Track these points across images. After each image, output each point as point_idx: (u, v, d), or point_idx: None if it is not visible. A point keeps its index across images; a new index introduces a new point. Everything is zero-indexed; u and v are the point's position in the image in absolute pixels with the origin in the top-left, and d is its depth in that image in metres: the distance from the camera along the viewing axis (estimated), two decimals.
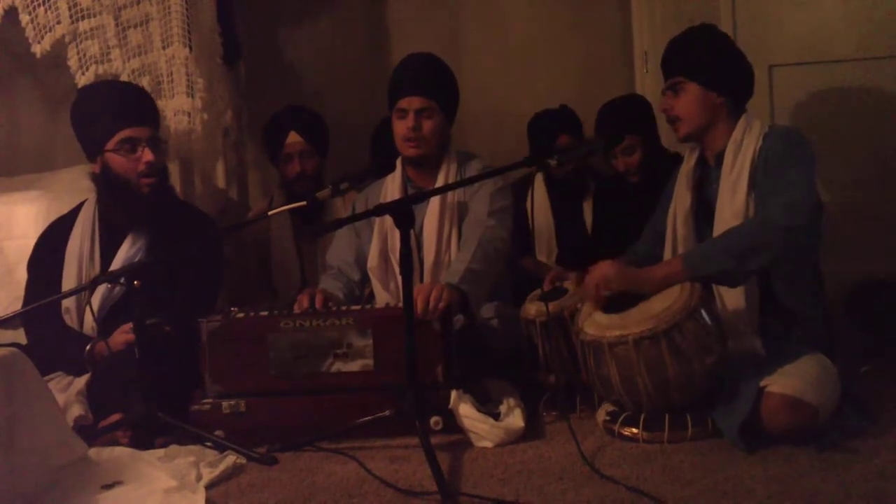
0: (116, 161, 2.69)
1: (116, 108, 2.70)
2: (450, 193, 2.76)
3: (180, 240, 2.66)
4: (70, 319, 2.72)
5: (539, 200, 3.48)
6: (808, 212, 2.22)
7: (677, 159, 3.37)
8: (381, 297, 2.78)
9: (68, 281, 2.72)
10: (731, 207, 2.35)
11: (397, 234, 2.29)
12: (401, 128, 2.76)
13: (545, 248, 3.45)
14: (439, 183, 2.76)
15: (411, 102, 2.74)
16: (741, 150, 2.39)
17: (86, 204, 2.84)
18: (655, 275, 2.27)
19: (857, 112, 3.42)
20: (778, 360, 2.20)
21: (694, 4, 3.64)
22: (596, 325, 2.27)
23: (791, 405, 2.09)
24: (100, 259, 2.75)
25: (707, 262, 2.22)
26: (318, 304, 2.52)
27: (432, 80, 2.78)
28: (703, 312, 2.19)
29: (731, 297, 2.33)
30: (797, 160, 2.31)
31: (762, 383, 2.14)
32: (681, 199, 2.52)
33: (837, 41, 3.41)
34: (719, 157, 2.44)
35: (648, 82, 4.01)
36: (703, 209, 2.48)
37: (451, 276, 2.55)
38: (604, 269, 2.31)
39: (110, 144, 2.68)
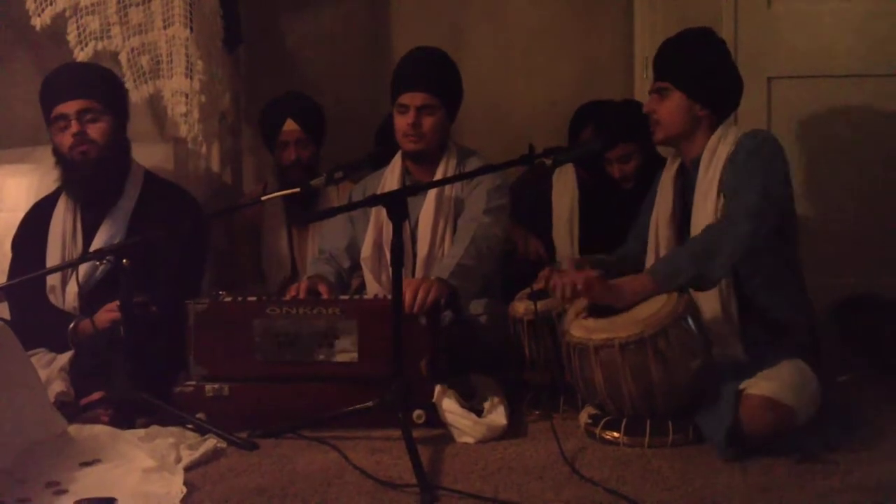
0: (55, 139, 2.73)
1: (49, 89, 2.73)
2: (447, 188, 2.76)
3: (161, 217, 2.66)
4: (55, 298, 2.72)
5: (566, 188, 3.43)
6: (765, 215, 2.24)
7: None
8: (373, 289, 2.78)
9: (52, 260, 2.72)
10: (703, 212, 2.38)
11: (391, 225, 2.29)
12: (401, 123, 2.76)
13: (565, 234, 3.42)
14: (437, 177, 2.76)
15: (413, 98, 2.73)
16: (715, 156, 2.40)
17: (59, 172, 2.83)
18: (626, 290, 2.27)
19: (853, 128, 3.43)
20: (758, 365, 2.22)
21: (697, 13, 3.64)
22: (583, 327, 2.27)
23: (768, 406, 2.10)
24: (82, 238, 2.75)
25: (673, 273, 2.23)
26: (325, 296, 2.54)
27: (436, 76, 2.77)
28: (689, 320, 2.20)
29: (708, 304, 2.34)
30: (760, 163, 2.32)
31: (741, 386, 2.16)
32: (663, 204, 2.53)
33: (836, 57, 3.43)
34: (696, 163, 2.46)
35: (648, 87, 4.02)
36: (685, 214, 2.49)
37: (442, 271, 2.55)
38: (589, 277, 2.28)
39: (50, 125, 2.73)
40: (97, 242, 2.69)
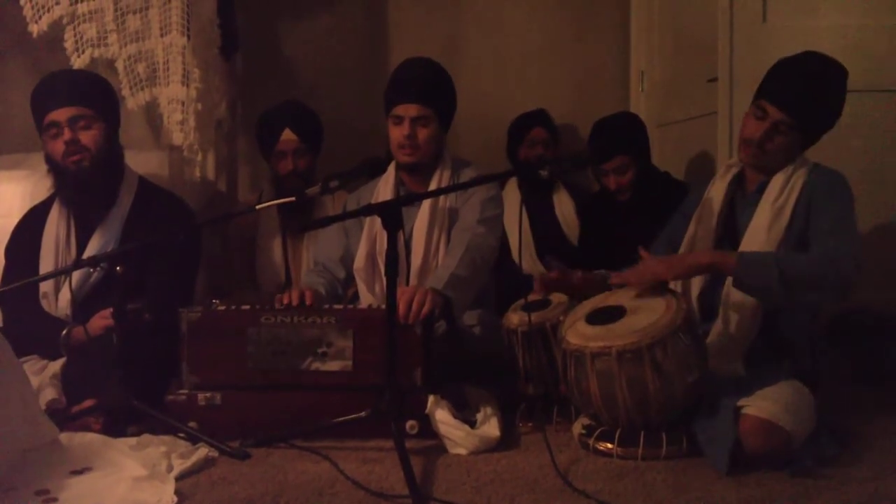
0: (48, 147, 2.72)
1: (41, 96, 2.71)
2: (441, 199, 2.76)
3: (154, 223, 2.65)
4: (48, 304, 2.71)
5: (511, 200, 3.53)
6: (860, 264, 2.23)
7: (668, 179, 3.40)
8: (366, 299, 2.77)
9: (45, 267, 2.71)
10: (767, 235, 2.34)
11: (386, 236, 2.29)
12: (396, 134, 2.76)
13: (523, 249, 3.52)
14: (432, 188, 2.76)
15: (408, 110, 2.73)
16: (790, 182, 2.38)
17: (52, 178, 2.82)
18: (703, 258, 2.27)
19: (849, 143, 3.43)
20: (756, 382, 2.21)
21: (693, 28, 3.66)
22: (579, 334, 2.26)
23: (765, 428, 2.10)
24: (76, 245, 2.74)
25: (759, 271, 2.20)
26: (308, 302, 2.52)
27: (430, 88, 2.76)
28: (688, 331, 2.19)
29: (735, 323, 2.34)
30: (849, 207, 2.32)
31: (740, 403, 2.15)
32: (705, 219, 2.50)
33: None
34: (762, 185, 2.43)
35: (643, 101, 4.04)
36: (729, 233, 2.47)
37: (436, 281, 2.54)
38: (654, 267, 2.30)
39: (42, 132, 2.71)
40: (91, 249, 2.68)
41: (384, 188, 2.84)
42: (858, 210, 3.38)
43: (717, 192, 2.52)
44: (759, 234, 2.36)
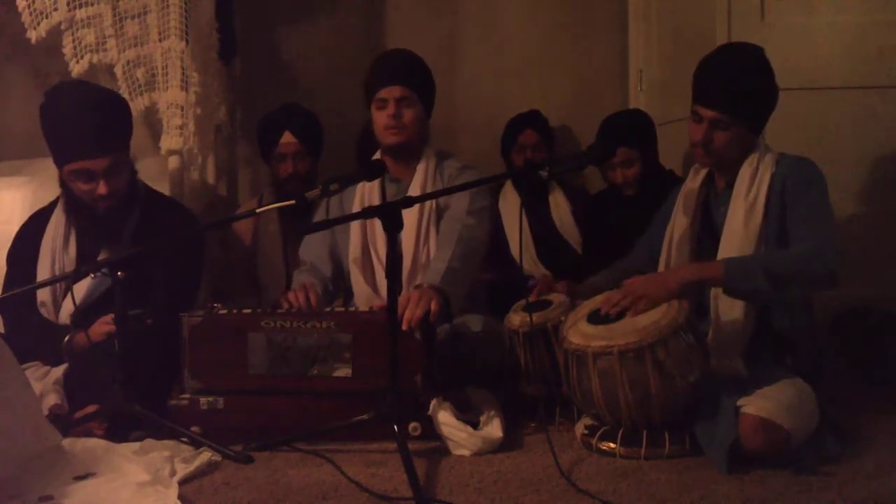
0: (72, 184, 2.62)
1: (71, 138, 2.54)
2: (430, 189, 2.76)
3: (160, 233, 2.64)
4: (46, 312, 2.69)
5: (510, 202, 3.53)
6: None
7: (673, 176, 3.40)
8: (361, 290, 2.78)
9: (42, 274, 2.69)
10: (744, 230, 2.34)
11: (378, 226, 2.28)
12: (381, 117, 2.79)
13: (518, 248, 3.52)
14: (418, 174, 2.80)
15: (392, 91, 2.77)
16: (758, 175, 2.38)
17: (62, 197, 2.80)
18: (692, 275, 2.26)
19: (847, 140, 3.44)
20: (757, 382, 2.21)
21: (691, 26, 3.67)
22: (581, 334, 2.27)
23: (764, 427, 2.09)
24: (76, 252, 2.71)
25: (746, 277, 2.20)
26: (313, 303, 2.54)
27: (411, 71, 2.82)
28: (689, 330, 2.20)
29: (727, 320, 2.33)
30: (825, 194, 2.33)
31: (739, 402, 2.15)
32: (679, 220, 2.51)
33: (831, 69, 3.44)
34: (731, 181, 2.43)
35: (643, 100, 4.03)
36: (707, 232, 2.47)
37: (433, 276, 2.54)
38: (646, 291, 2.28)
39: (65, 170, 2.60)
40: None
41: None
42: (859, 207, 3.42)
43: (690, 194, 2.53)
44: (737, 230, 2.36)
